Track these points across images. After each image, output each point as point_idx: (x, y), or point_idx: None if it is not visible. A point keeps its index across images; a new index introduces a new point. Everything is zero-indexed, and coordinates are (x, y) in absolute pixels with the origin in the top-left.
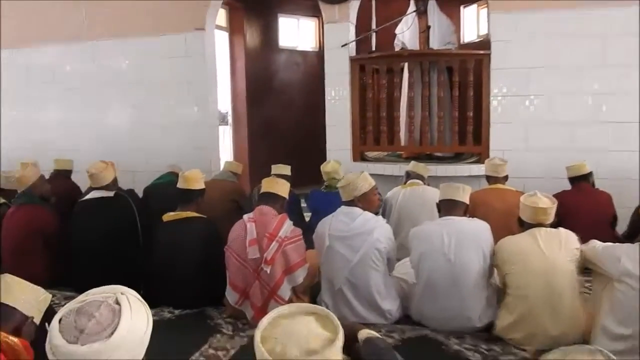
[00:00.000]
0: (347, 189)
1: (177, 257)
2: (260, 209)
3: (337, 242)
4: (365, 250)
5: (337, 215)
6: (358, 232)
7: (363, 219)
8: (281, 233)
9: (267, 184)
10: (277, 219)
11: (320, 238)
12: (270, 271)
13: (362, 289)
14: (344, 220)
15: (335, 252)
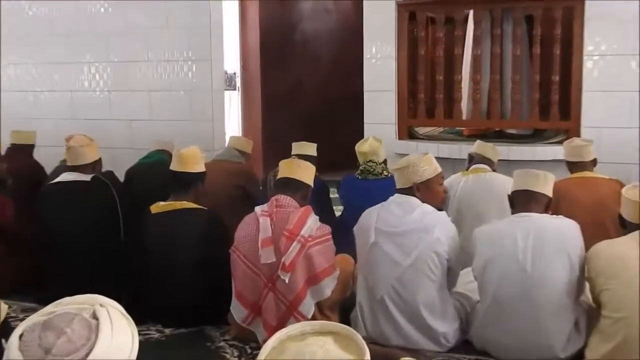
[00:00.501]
0: (406, 172)
1: (168, 261)
2: (277, 199)
3: (385, 239)
4: (420, 252)
5: (388, 206)
6: (413, 228)
7: (421, 212)
8: (304, 231)
9: (286, 167)
10: (298, 213)
11: (363, 232)
12: (290, 280)
13: (411, 303)
14: (397, 212)
15: (381, 251)
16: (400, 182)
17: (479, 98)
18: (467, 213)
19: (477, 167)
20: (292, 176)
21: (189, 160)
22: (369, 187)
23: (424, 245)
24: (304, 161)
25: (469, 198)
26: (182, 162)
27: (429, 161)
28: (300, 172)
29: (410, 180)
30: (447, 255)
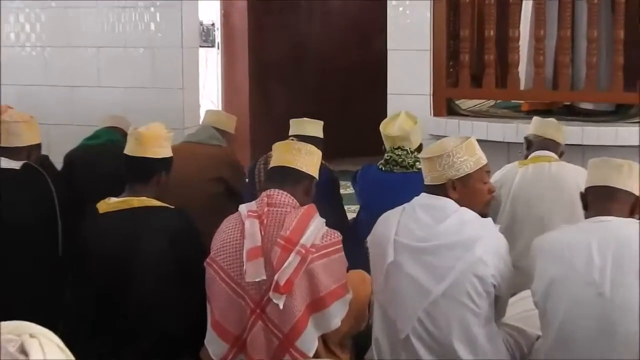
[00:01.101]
0: (438, 164)
1: (122, 278)
2: (269, 195)
3: (409, 257)
4: (457, 275)
5: (413, 210)
6: (447, 242)
7: (458, 220)
8: (305, 239)
9: (282, 152)
10: (298, 214)
11: (378, 246)
12: (285, 306)
13: (445, 343)
14: (425, 219)
15: (403, 274)
16: (430, 177)
17: (542, 61)
18: (525, 218)
19: (539, 155)
20: (289, 164)
21: (149, 142)
22: (395, 182)
23: (463, 266)
24: (307, 144)
25: (527, 197)
26: (141, 144)
27: (470, 148)
28: (301, 158)
29: (443, 176)
30: (493, 279)
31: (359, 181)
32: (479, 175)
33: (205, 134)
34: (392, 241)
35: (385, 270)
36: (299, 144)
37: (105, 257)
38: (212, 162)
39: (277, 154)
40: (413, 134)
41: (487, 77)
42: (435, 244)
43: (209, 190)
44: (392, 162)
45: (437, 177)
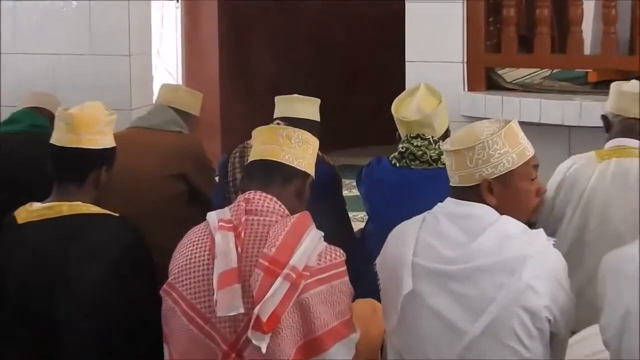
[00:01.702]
0: (468, 158)
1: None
2: (248, 199)
3: (432, 285)
4: (500, 309)
5: (436, 221)
6: (485, 264)
7: (499, 233)
8: (297, 259)
9: (264, 140)
10: (287, 226)
11: (390, 271)
12: (270, 349)
13: None
14: (452, 233)
15: (425, 308)
16: (458, 177)
17: (614, 17)
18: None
19: (623, 146)
20: (275, 158)
21: (85, 128)
22: (413, 183)
23: (507, 296)
24: (299, 130)
25: (604, 206)
26: (74, 130)
27: (512, 136)
28: (290, 149)
29: (476, 174)
30: (548, 312)
31: (365, 181)
32: (525, 172)
33: (161, 117)
34: (409, 264)
35: (400, 303)
36: (288, 130)
37: (24, 282)
38: (170, 154)
39: (259, 143)
40: (437, 117)
41: (540, 38)
42: (468, 267)
43: (165, 192)
44: (408, 156)
45: (468, 177)
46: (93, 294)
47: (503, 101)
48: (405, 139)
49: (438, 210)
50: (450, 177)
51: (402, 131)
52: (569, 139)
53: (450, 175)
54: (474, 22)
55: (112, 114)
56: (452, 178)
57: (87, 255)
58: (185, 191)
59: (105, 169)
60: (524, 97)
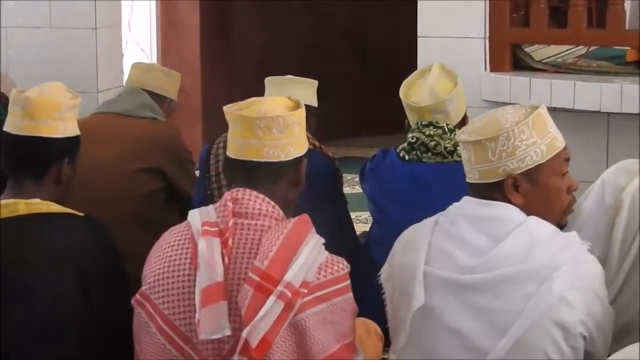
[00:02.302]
0: (490, 150)
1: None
2: (236, 198)
3: (449, 297)
4: (528, 325)
5: (451, 224)
6: (510, 273)
7: (526, 237)
8: (292, 274)
9: (241, 133)
10: (282, 234)
11: (398, 283)
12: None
13: None
14: (472, 237)
15: (440, 325)
16: (478, 172)
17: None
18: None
19: None
20: (258, 157)
21: (44, 114)
22: (425, 177)
23: (535, 310)
24: (278, 111)
25: None
26: (31, 116)
27: (540, 125)
28: (274, 141)
29: (499, 169)
30: (583, 328)
31: (369, 178)
32: (555, 167)
33: (132, 101)
34: (420, 274)
35: (410, 319)
36: (267, 119)
37: None
38: (142, 144)
39: (234, 135)
40: (452, 103)
41: (575, 10)
42: (490, 277)
43: (137, 188)
44: (419, 147)
45: (490, 172)
46: (53, 309)
47: (531, 83)
48: (415, 127)
49: (454, 211)
50: (467, 173)
51: (412, 118)
52: (607, 128)
53: (468, 170)
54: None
55: (75, 97)
56: (471, 174)
57: (46, 261)
58: (161, 188)
59: (68, 162)
60: (555, 78)
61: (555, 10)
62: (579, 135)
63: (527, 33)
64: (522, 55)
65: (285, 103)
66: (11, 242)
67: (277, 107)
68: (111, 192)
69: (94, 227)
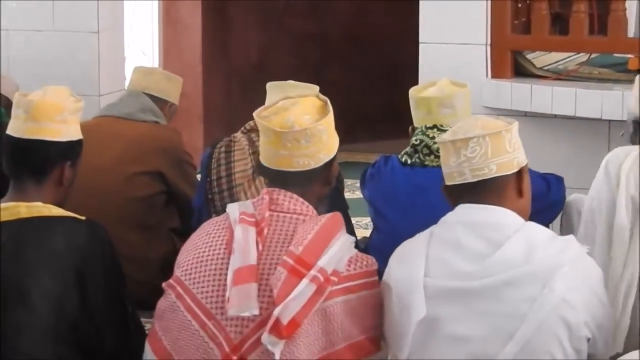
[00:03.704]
0: (506, 140)
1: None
2: (272, 197)
3: (451, 306)
4: (534, 326)
5: (450, 231)
6: (511, 276)
7: (525, 241)
8: (326, 260)
9: (273, 144)
10: (317, 225)
11: (397, 296)
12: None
13: None
14: (471, 243)
15: (444, 335)
16: (498, 165)
17: None
18: None
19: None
20: (288, 167)
21: (46, 117)
22: (427, 182)
23: (539, 312)
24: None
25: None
26: (33, 119)
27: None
28: (303, 150)
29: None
30: (587, 330)
31: (369, 184)
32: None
33: (134, 105)
34: (420, 286)
35: (412, 332)
36: (295, 132)
37: None
38: (143, 147)
39: (265, 143)
40: (459, 99)
41: (577, 17)
42: (492, 281)
43: (138, 191)
44: (422, 149)
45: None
46: (53, 311)
47: (532, 90)
48: (419, 130)
49: (451, 219)
50: (476, 171)
51: (419, 115)
52: (608, 135)
53: (480, 167)
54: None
55: (78, 100)
56: (485, 169)
57: (48, 264)
58: (161, 191)
59: (70, 165)
60: (556, 85)
61: (556, 17)
62: (579, 142)
63: (529, 40)
64: (523, 62)
65: (314, 105)
66: (12, 245)
67: (306, 114)
68: (111, 194)
69: (95, 231)
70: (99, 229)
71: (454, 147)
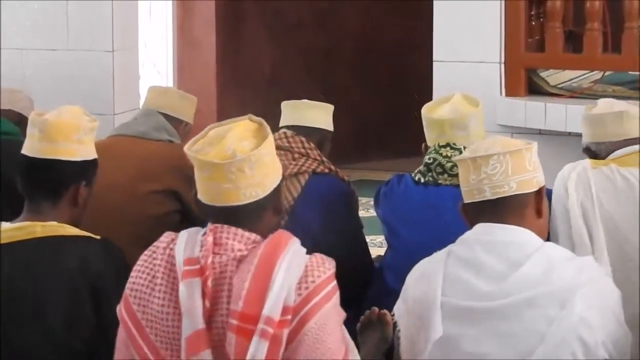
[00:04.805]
0: (526, 158)
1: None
2: (216, 234)
3: (469, 326)
4: (552, 347)
5: (468, 250)
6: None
7: (544, 261)
8: (268, 307)
9: (213, 177)
10: (253, 264)
11: (413, 316)
12: None
13: None
14: (490, 263)
15: (464, 355)
16: (518, 183)
17: None
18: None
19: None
20: (235, 202)
21: (61, 136)
22: (441, 201)
23: (558, 333)
24: (247, 148)
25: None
26: (49, 139)
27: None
28: (248, 179)
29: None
30: (604, 350)
31: (383, 202)
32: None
33: (148, 124)
34: (438, 305)
35: (429, 352)
36: (237, 161)
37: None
38: (158, 166)
39: (205, 179)
40: (473, 120)
41: (590, 35)
42: (511, 301)
43: (152, 209)
44: (435, 168)
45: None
46: (67, 329)
47: (546, 108)
48: (433, 149)
49: (470, 237)
50: (496, 188)
51: (432, 136)
52: None
53: (500, 184)
54: (514, 16)
55: (93, 120)
56: (505, 187)
57: (62, 282)
58: (176, 210)
59: (85, 184)
60: (570, 103)
61: (570, 35)
62: None
63: (542, 58)
64: (537, 80)
65: (250, 129)
66: (29, 265)
67: (243, 140)
68: (126, 213)
69: (110, 250)
70: (114, 248)
71: (474, 164)
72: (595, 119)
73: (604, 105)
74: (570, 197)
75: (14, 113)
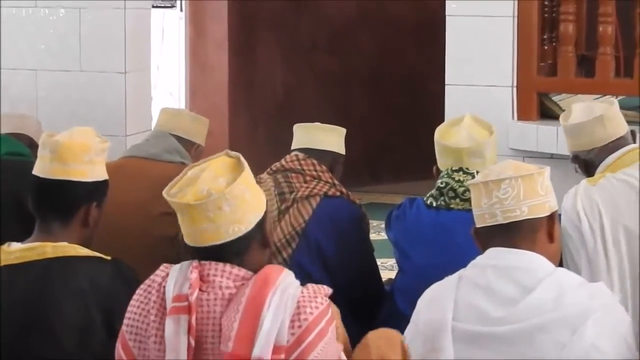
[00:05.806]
0: (538, 182)
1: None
2: (202, 272)
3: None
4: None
5: (480, 274)
6: (541, 322)
7: (556, 287)
8: (258, 348)
9: (191, 220)
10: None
11: (424, 340)
12: None
13: None
14: (501, 288)
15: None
16: (530, 208)
17: None
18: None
19: None
20: (218, 240)
21: (73, 158)
22: (453, 225)
23: (569, 358)
24: (224, 183)
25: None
26: (60, 160)
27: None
28: (229, 217)
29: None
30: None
31: (394, 226)
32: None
33: (160, 146)
34: (448, 329)
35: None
36: (214, 199)
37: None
38: None
39: (186, 223)
40: (489, 147)
41: (603, 59)
42: (523, 327)
43: (164, 230)
44: (448, 192)
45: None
46: (79, 346)
47: (558, 132)
48: (445, 173)
49: (482, 262)
50: (507, 212)
51: (447, 162)
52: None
53: (511, 209)
54: (526, 40)
55: (104, 141)
56: (517, 211)
57: (72, 300)
58: None
59: (96, 205)
60: None
61: (582, 59)
62: None
63: (555, 82)
64: (549, 104)
65: (225, 165)
66: (39, 285)
67: (219, 177)
68: (137, 234)
69: (120, 270)
70: (126, 268)
71: (486, 188)
72: (579, 129)
73: (580, 112)
74: (582, 222)
75: (25, 137)
